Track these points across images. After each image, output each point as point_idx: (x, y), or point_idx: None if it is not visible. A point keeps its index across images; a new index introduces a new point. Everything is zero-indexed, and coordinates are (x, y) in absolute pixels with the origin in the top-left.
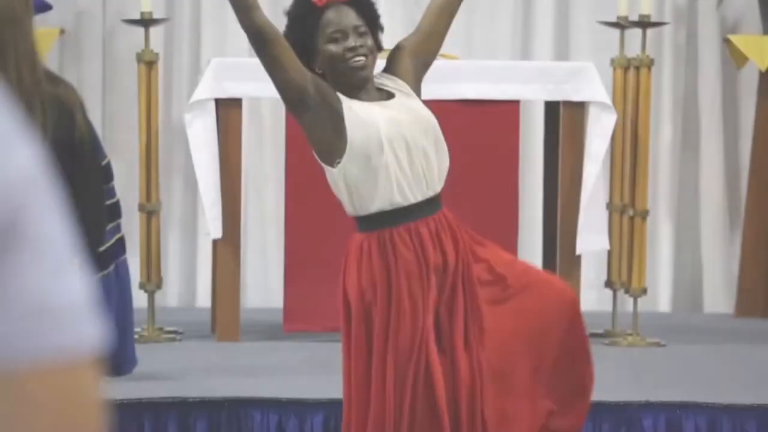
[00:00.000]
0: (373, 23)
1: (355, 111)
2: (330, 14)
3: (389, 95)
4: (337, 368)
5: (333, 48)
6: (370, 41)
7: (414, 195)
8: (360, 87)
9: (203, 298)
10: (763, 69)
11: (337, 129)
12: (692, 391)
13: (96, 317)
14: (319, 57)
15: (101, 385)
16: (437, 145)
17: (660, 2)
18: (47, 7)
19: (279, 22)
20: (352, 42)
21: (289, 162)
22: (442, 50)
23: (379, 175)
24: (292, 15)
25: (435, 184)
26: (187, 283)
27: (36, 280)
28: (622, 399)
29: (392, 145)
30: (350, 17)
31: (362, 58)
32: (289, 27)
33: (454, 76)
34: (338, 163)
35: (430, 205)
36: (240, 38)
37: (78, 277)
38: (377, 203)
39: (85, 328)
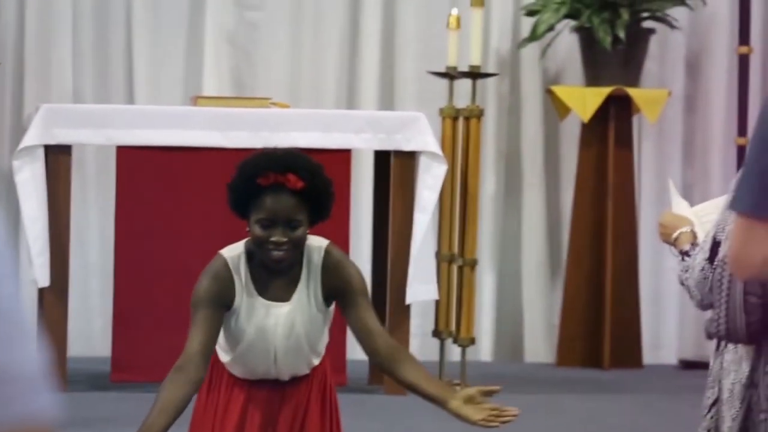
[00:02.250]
0: (315, 207)
1: (237, 316)
2: (268, 198)
3: (295, 287)
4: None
5: (257, 231)
6: (299, 233)
7: (256, 377)
8: (272, 271)
9: None
10: (586, 120)
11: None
12: None
13: (49, 387)
14: (248, 227)
15: None
16: (301, 358)
17: (484, 53)
18: None
19: None
20: (276, 236)
21: (119, 211)
22: (274, 98)
23: (233, 355)
24: (235, 184)
25: (283, 377)
26: None
27: None
28: None
29: (245, 354)
30: (287, 208)
31: (281, 253)
32: (231, 189)
33: (284, 125)
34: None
35: (276, 383)
36: (64, 83)
37: (32, 348)
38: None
39: (40, 399)
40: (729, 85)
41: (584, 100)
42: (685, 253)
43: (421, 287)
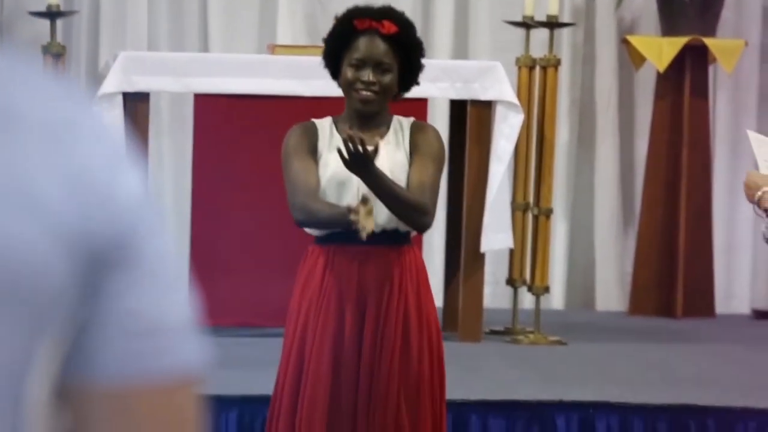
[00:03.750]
0: (405, 63)
1: (322, 153)
2: (362, 41)
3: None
4: (248, 364)
5: (349, 73)
6: (388, 79)
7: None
8: (360, 116)
9: None
10: (661, 70)
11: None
12: (602, 390)
13: (200, 337)
14: (340, 75)
15: (201, 405)
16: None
17: (560, 2)
18: None
19: None
20: (366, 75)
21: (197, 158)
22: None
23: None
24: (333, 29)
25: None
26: None
27: (147, 300)
28: (535, 398)
29: (330, 189)
30: (378, 50)
31: (369, 93)
32: (329, 36)
33: None
34: None
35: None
36: (139, 32)
37: (185, 297)
38: None
39: (191, 349)
40: None
41: (660, 50)
42: None
43: (496, 236)
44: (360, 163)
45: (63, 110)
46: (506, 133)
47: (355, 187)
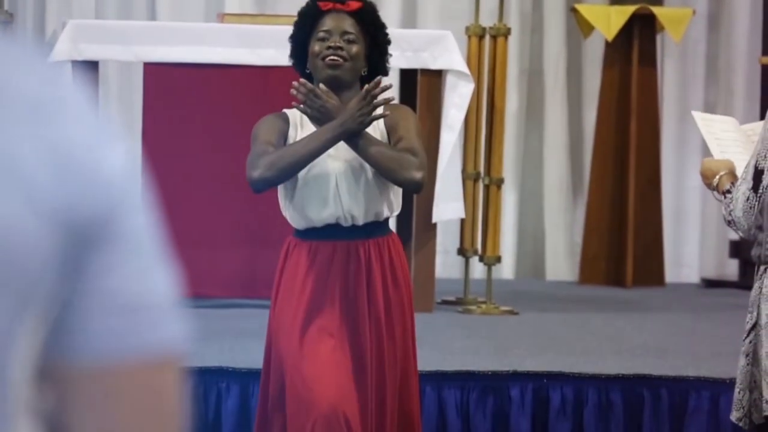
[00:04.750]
0: (371, 37)
1: (296, 138)
2: (327, 18)
3: None
4: (204, 335)
5: (317, 46)
6: (355, 49)
7: (324, 218)
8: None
9: None
10: (610, 39)
11: None
12: (555, 360)
13: (181, 315)
14: (309, 56)
15: (183, 384)
16: (366, 189)
17: None
18: None
19: None
20: (332, 42)
21: (146, 127)
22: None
23: (295, 196)
24: (299, 15)
25: (357, 217)
26: None
27: (128, 278)
28: (489, 368)
29: (309, 184)
30: (344, 23)
31: (337, 58)
32: (295, 25)
33: None
34: None
35: (350, 231)
36: (86, 0)
37: (166, 275)
38: (297, 219)
39: (172, 327)
40: (753, 3)
41: (608, 19)
42: (726, 192)
43: (448, 206)
44: (323, 111)
45: (47, 87)
46: (456, 102)
47: (334, 180)
